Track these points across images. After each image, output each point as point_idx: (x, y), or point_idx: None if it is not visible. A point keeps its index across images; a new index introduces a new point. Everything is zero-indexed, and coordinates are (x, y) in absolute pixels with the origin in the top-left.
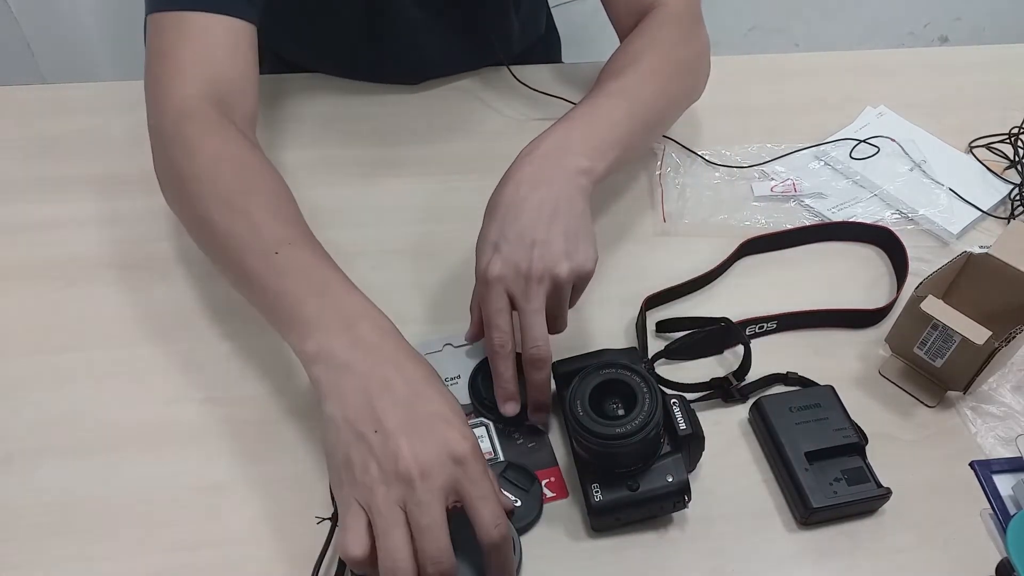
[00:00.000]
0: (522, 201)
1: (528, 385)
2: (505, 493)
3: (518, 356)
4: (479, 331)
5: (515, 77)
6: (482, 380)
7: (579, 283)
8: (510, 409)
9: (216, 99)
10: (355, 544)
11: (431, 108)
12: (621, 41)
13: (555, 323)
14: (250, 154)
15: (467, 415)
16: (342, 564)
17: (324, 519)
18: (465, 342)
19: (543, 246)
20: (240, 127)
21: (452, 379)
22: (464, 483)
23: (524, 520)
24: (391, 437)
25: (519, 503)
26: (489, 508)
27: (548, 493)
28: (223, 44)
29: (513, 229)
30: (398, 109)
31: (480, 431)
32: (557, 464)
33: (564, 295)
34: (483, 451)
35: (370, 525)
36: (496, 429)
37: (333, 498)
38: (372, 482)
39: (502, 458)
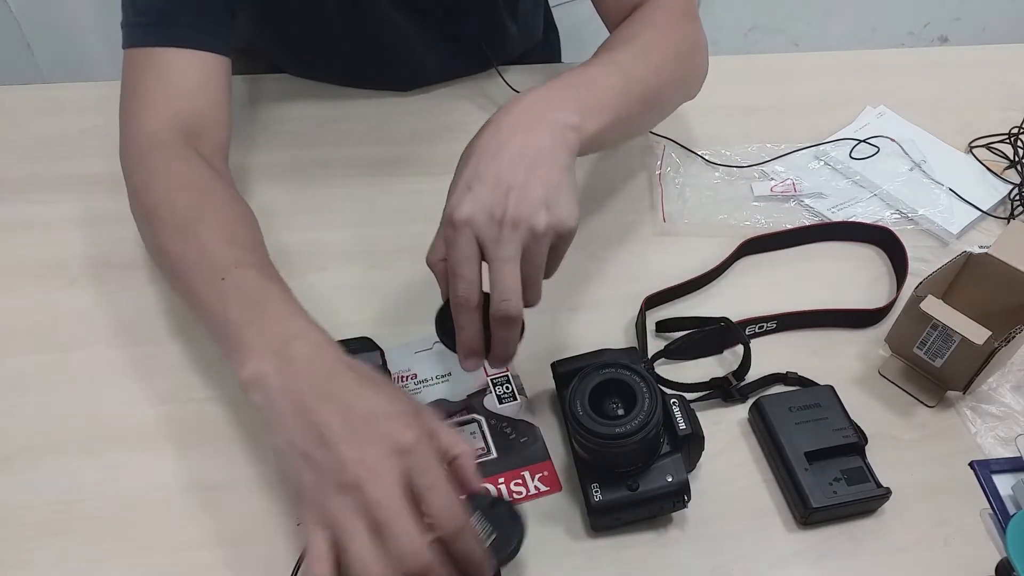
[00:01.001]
0: (501, 145)
1: (493, 339)
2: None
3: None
4: (447, 286)
5: (505, 82)
6: (448, 315)
7: (558, 242)
8: (471, 365)
9: (184, 131)
10: (318, 566)
11: (429, 109)
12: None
13: (529, 287)
14: (209, 181)
15: (459, 411)
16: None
17: None
18: None
19: (520, 191)
20: (208, 157)
21: (443, 376)
22: (413, 473)
23: (501, 553)
24: (332, 447)
25: (495, 535)
26: (437, 495)
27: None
28: (192, 78)
29: (489, 171)
30: (395, 110)
31: (472, 427)
32: (550, 458)
33: (540, 251)
34: (476, 447)
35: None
36: (488, 425)
37: None
38: (324, 498)
39: (495, 454)
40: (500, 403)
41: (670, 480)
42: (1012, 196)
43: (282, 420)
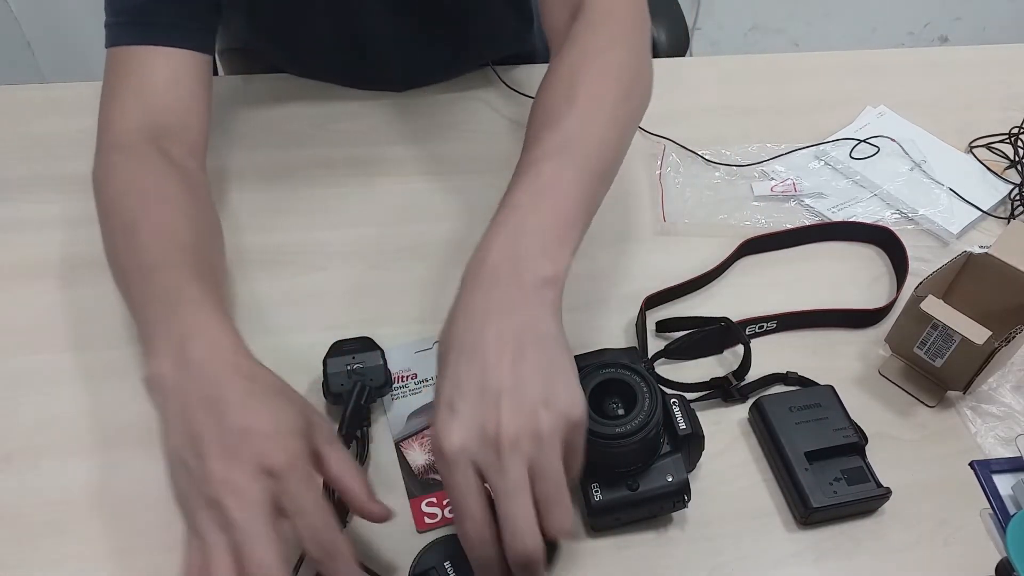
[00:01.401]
0: (476, 340)
1: None
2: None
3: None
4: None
5: (501, 80)
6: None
7: (571, 435)
8: None
9: (155, 131)
10: (185, 572)
11: (428, 108)
12: (551, 48)
13: (551, 508)
14: (161, 182)
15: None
16: None
17: None
18: None
19: (510, 395)
20: (180, 156)
21: None
22: (281, 497)
23: None
24: (204, 459)
25: None
26: (305, 521)
27: None
28: (164, 75)
29: (470, 381)
30: (395, 109)
31: None
32: None
33: (552, 462)
34: None
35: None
36: None
37: None
38: (192, 509)
39: None
40: None
41: (670, 480)
42: (1012, 196)
43: (168, 424)
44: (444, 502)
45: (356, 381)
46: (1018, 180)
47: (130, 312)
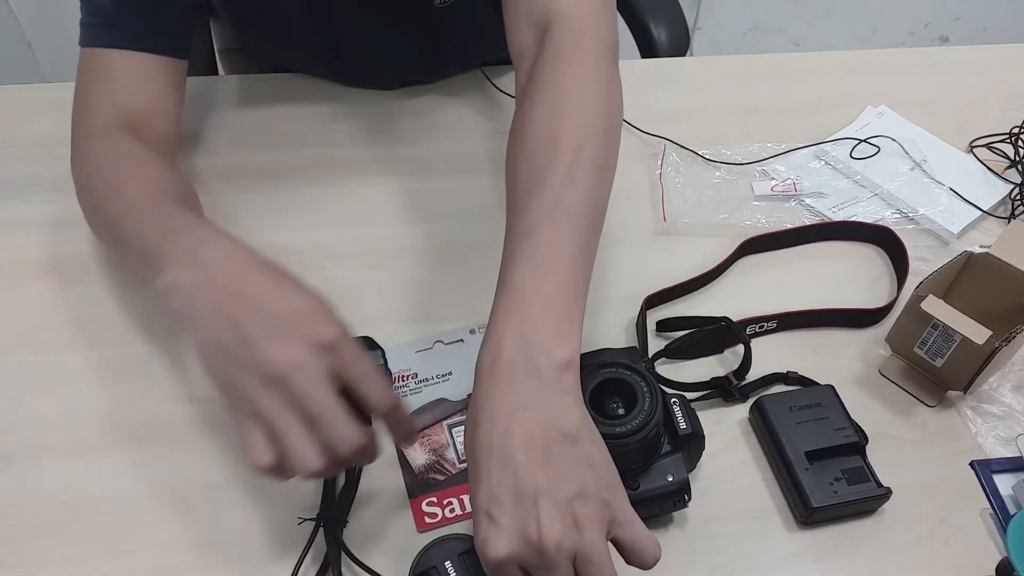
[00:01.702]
0: (504, 443)
1: None
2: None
3: None
4: None
5: (492, 83)
6: None
7: (618, 527)
8: None
9: (124, 123)
10: (260, 455)
11: (423, 109)
12: (517, 70)
13: None
14: (139, 152)
15: (459, 411)
16: (325, 563)
17: (306, 520)
18: (456, 339)
19: (547, 496)
20: (151, 144)
21: (444, 375)
22: (340, 368)
23: None
24: (254, 344)
25: None
26: (372, 382)
27: None
28: (132, 79)
29: (503, 488)
30: (395, 108)
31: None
32: None
33: (594, 546)
34: None
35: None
36: None
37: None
38: (253, 394)
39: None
40: None
41: (670, 480)
42: (1013, 196)
43: (200, 320)
44: (444, 502)
45: None
46: (1018, 180)
47: (122, 254)
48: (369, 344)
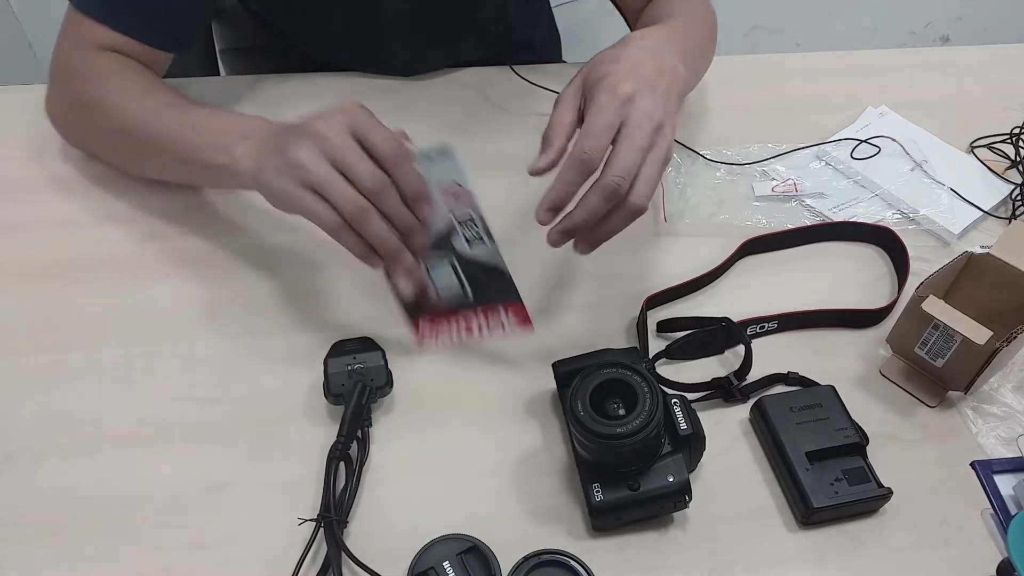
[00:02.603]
0: (627, 57)
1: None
2: None
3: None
4: (558, 154)
5: (518, 75)
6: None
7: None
8: (545, 217)
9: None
10: (326, 213)
11: (428, 108)
12: (631, 27)
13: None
14: (124, 60)
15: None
16: (325, 564)
17: (306, 520)
18: None
19: (652, 89)
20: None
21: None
22: (354, 127)
23: None
24: (298, 131)
25: None
26: (379, 134)
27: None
28: (112, 54)
29: (624, 64)
30: (392, 109)
31: (446, 266)
32: (520, 299)
33: (662, 153)
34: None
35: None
36: (461, 266)
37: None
38: (306, 159)
39: (471, 296)
40: (470, 246)
41: (671, 480)
42: (1013, 196)
43: (265, 159)
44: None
45: (357, 381)
46: (1019, 180)
47: (154, 155)
48: (369, 344)
